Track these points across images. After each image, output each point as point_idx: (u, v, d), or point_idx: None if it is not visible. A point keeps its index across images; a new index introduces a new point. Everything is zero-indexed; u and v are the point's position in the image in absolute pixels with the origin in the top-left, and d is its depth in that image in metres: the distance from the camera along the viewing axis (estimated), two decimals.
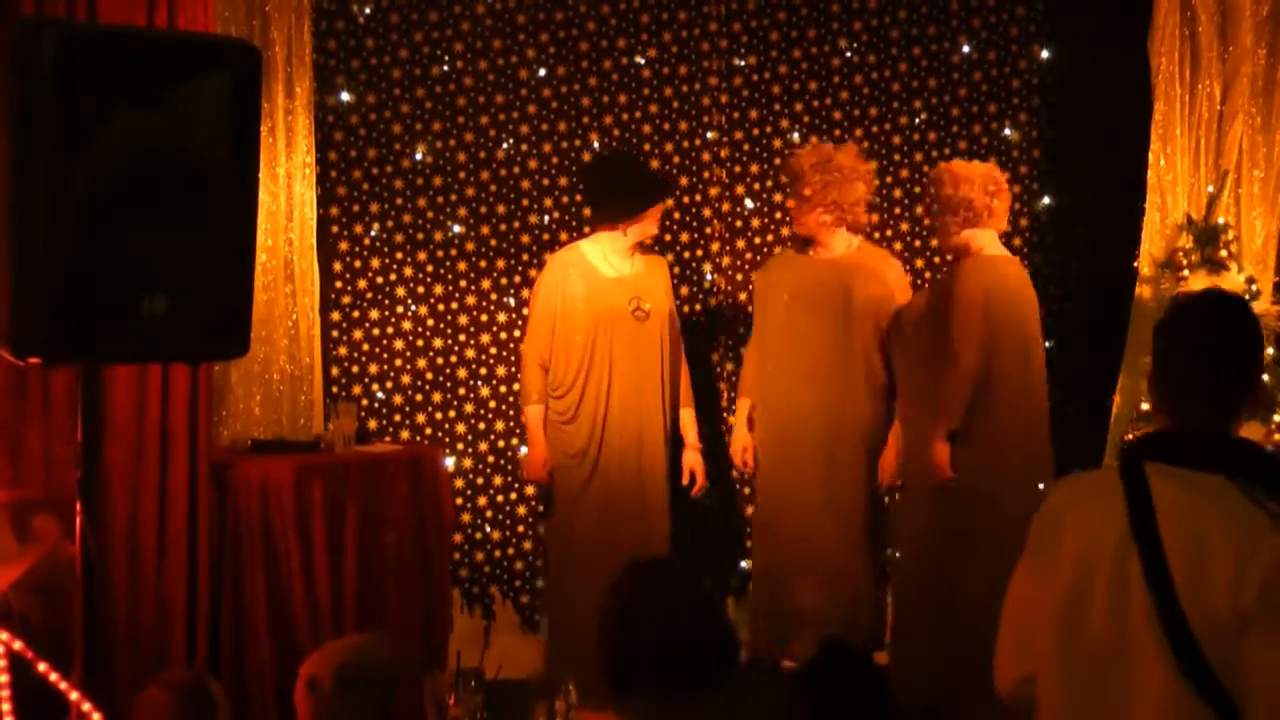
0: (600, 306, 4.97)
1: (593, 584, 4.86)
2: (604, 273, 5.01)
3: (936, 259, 5.96)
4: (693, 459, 5.14)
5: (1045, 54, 6.02)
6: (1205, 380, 2.32)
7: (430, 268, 5.65)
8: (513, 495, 5.73)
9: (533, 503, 5.72)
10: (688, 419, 5.14)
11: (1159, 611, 2.18)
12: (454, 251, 5.67)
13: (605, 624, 2.64)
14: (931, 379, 4.66)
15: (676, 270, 5.79)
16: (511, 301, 5.70)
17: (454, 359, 5.69)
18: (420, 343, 5.65)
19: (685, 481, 5.12)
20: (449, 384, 5.69)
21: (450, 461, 5.59)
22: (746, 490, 5.76)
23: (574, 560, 4.98)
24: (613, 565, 4.95)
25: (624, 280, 5.02)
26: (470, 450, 5.69)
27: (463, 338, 5.69)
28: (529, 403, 5.04)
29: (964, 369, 4.55)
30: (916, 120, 5.95)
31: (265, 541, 4.44)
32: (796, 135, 5.87)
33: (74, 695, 2.98)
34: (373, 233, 5.59)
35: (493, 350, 5.69)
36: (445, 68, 5.63)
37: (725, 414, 5.83)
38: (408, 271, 5.63)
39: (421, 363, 5.65)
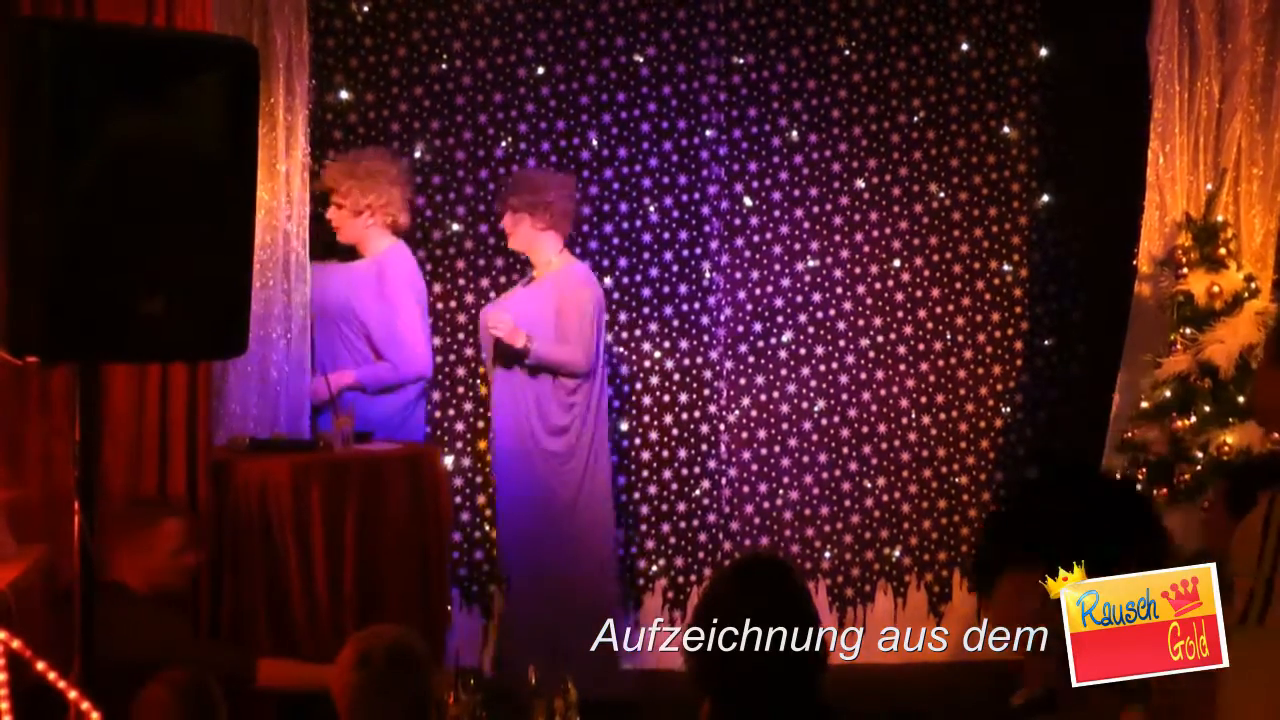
0: None
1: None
2: None
3: (935, 257, 5.96)
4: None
5: (1044, 52, 6.01)
6: None
7: (429, 266, 5.64)
8: None
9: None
10: None
11: None
12: (452, 250, 5.66)
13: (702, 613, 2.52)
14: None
15: (675, 268, 5.80)
16: None
17: (453, 357, 5.68)
18: None
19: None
20: (448, 382, 5.68)
21: (449, 460, 5.58)
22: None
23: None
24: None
25: None
26: (469, 449, 5.69)
27: (462, 336, 5.69)
28: None
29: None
30: (915, 119, 5.95)
31: (264, 541, 4.43)
32: (795, 134, 5.87)
33: (73, 694, 2.97)
34: None
35: None
36: (444, 66, 5.62)
37: (723, 411, 5.82)
38: None
39: None
